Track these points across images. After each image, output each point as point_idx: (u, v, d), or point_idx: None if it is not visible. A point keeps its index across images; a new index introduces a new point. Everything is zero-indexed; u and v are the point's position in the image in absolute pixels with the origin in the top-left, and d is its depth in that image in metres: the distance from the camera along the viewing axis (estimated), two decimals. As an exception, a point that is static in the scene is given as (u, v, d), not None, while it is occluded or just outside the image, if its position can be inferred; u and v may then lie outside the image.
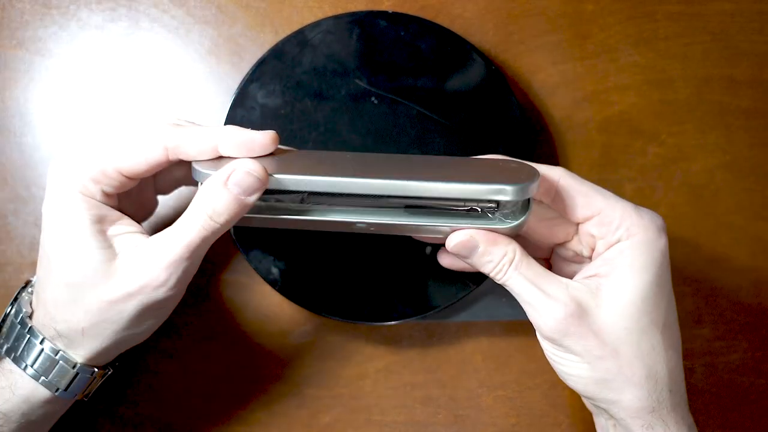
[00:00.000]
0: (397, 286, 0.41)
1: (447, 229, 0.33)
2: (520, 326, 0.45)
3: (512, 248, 0.33)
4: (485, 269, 0.33)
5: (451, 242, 0.33)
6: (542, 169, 0.34)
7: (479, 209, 0.33)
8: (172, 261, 0.31)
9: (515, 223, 0.33)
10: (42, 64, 0.43)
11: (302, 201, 0.33)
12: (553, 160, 0.44)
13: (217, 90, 0.43)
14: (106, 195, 0.33)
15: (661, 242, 0.33)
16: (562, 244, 0.36)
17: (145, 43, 0.43)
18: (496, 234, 0.33)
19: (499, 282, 0.33)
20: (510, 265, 0.32)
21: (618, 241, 0.33)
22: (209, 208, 0.31)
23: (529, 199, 0.33)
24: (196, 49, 0.43)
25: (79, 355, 0.34)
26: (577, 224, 0.35)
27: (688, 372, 0.45)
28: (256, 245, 0.40)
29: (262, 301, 0.43)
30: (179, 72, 0.43)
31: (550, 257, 0.38)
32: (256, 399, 0.43)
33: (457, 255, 0.33)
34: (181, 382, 0.43)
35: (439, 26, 0.41)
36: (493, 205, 0.33)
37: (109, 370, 0.36)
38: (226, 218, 0.31)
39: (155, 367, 0.43)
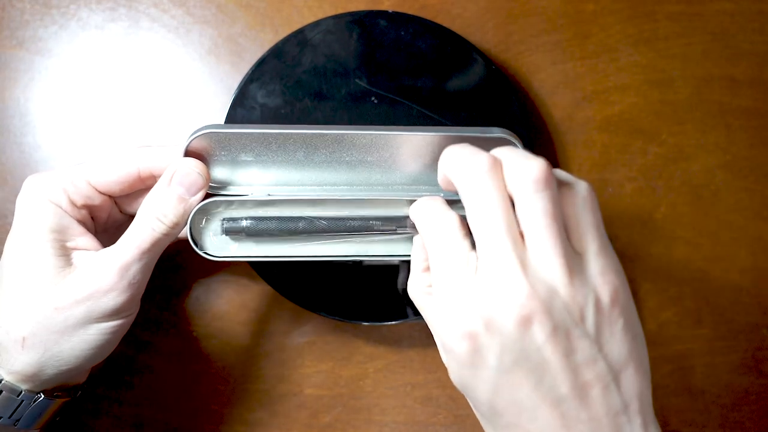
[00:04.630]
0: (397, 287, 0.41)
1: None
2: (520, 326, 0.44)
3: (414, 284, 0.33)
4: None
5: None
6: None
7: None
8: (122, 264, 0.31)
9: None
10: (42, 64, 0.43)
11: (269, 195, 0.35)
12: (553, 160, 0.44)
13: (217, 90, 0.43)
14: (74, 206, 0.33)
15: None
16: None
17: (145, 43, 0.43)
18: (416, 259, 0.33)
19: None
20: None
21: None
22: (156, 209, 0.32)
23: None
24: (195, 49, 0.43)
25: (17, 373, 0.32)
26: None
27: (689, 372, 0.45)
28: (256, 245, 0.40)
29: (262, 301, 0.43)
30: (179, 72, 0.43)
31: None
32: (256, 399, 0.43)
33: None
34: (181, 382, 0.43)
35: (439, 26, 0.41)
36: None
37: (66, 397, 0.34)
38: (172, 219, 0.32)
39: (155, 367, 0.43)
